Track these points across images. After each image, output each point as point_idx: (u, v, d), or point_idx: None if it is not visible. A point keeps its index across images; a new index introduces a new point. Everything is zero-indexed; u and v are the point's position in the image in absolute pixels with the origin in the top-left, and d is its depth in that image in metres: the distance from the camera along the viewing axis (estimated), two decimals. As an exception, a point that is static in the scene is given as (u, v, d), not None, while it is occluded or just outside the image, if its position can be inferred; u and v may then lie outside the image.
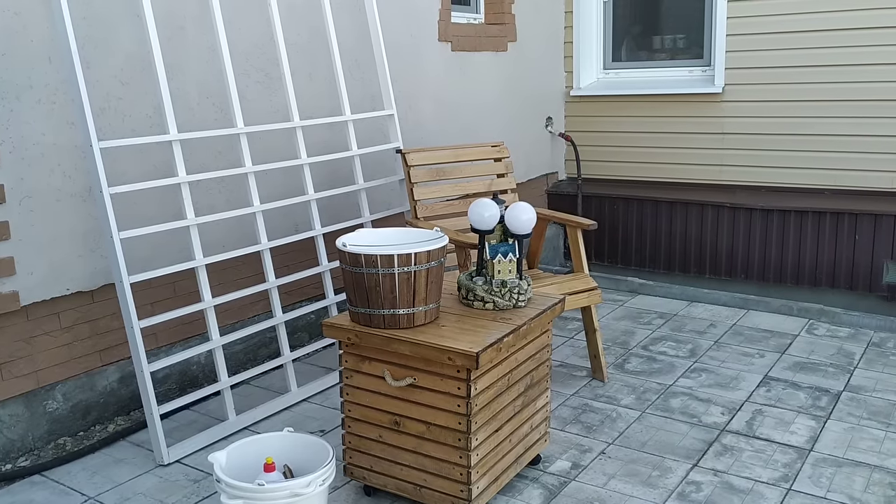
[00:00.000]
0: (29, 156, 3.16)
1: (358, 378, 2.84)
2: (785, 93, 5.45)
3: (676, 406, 3.67)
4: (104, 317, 3.51)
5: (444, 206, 4.21)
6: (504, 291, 2.91)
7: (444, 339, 2.64)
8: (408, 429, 2.77)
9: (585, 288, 3.79)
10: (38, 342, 3.29)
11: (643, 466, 3.15)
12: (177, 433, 3.45)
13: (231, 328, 3.99)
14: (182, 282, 3.75)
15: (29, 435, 3.31)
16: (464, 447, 2.66)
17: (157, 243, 3.59)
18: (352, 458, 2.94)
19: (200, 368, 3.94)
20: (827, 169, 5.38)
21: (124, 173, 3.45)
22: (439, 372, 2.65)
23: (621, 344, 4.47)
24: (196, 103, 3.73)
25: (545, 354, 3.07)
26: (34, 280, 3.22)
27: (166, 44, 3.53)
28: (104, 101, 3.38)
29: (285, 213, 4.13)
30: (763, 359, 4.22)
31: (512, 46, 5.76)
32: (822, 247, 5.31)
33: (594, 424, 3.50)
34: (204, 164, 3.76)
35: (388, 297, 2.68)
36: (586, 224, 3.89)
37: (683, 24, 6.04)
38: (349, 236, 2.84)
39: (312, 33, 4.25)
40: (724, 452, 3.25)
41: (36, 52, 3.14)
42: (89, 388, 3.51)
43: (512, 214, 2.93)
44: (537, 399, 3.06)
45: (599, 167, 6.26)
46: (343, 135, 4.38)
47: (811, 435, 3.38)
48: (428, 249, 2.69)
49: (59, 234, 3.29)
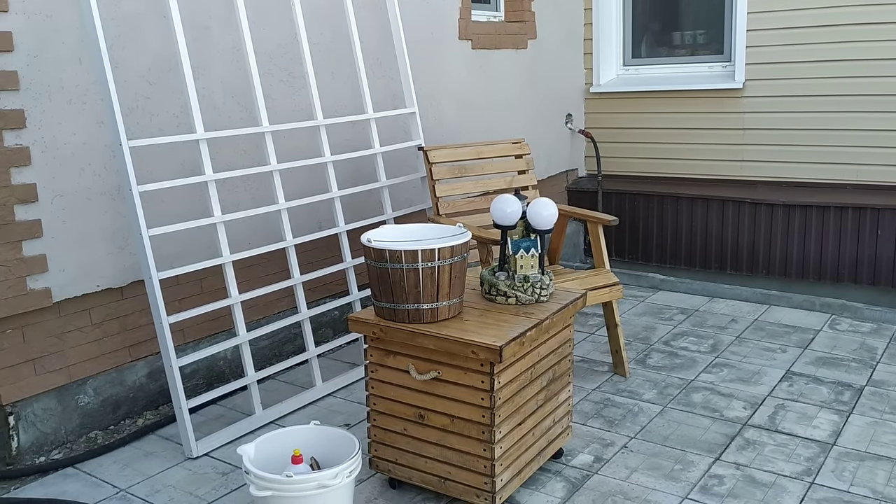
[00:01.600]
0: (60, 155, 3.23)
1: (383, 372, 2.89)
2: (806, 88, 5.43)
3: (698, 401, 3.69)
4: (133, 313, 3.58)
5: (466, 202, 4.25)
6: (526, 286, 2.94)
7: (468, 333, 2.68)
8: (432, 422, 2.81)
9: (607, 283, 3.81)
10: (69, 338, 3.37)
11: (665, 460, 3.17)
12: (205, 427, 3.52)
13: (257, 324, 4.05)
14: (208, 278, 3.82)
15: (62, 428, 3.38)
16: (487, 440, 2.70)
17: (185, 240, 3.66)
18: (377, 451, 2.98)
19: (227, 364, 4.00)
20: (849, 164, 5.37)
21: (151, 172, 3.52)
22: (463, 366, 2.69)
23: (643, 339, 4.49)
24: (221, 102, 3.79)
25: (567, 349, 3.10)
26: (66, 277, 3.30)
27: (192, 44, 3.59)
28: (132, 100, 3.45)
29: (309, 210, 4.19)
30: (785, 354, 4.23)
31: (532, 44, 5.78)
32: (845, 242, 5.29)
33: (616, 419, 3.53)
34: (230, 163, 3.82)
35: (413, 292, 2.73)
36: (607, 220, 3.91)
37: (703, 19, 6.04)
38: (373, 232, 2.88)
39: (335, 33, 4.30)
40: (747, 446, 3.26)
41: (67, 54, 3.22)
42: (119, 383, 3.58)
43: (534, 210, 2.97)
44: (560, 393, 3.09)
45: (619, 164, 6.28)
46: (365, 133, 4.43)
47: (834, 429, 3.39)
48: (451, 245, 2.73)
49: (89, 232, 3.36)
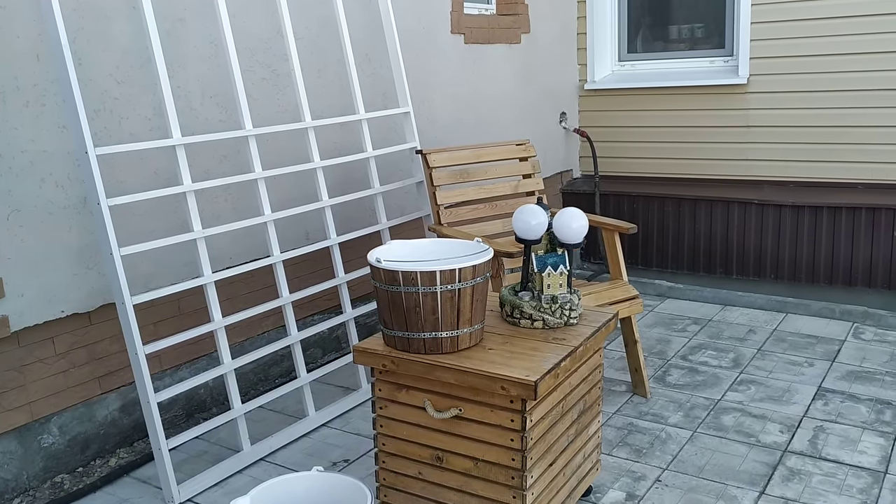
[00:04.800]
0: (17, 165, 2.83)
1: (393, 408, 2.54)
2: (814, 82, 5.15)
3: (729, 424, 3.38)
4: (102, 340, 3.19)
5: (468, 210, 3.90)
6: (555, 308, 2.60)
7: (496, 364, 2.34)
8: (452, 465, 2.46)
9: (626, 297, 3.49)
10: (30, 370, 2.97)
11: (705, 496, 2.85)
12: (186, 466, 3.14)
13: (240, 346, 3.67)
14: (187, 298, 3.43)
15: (23, 473, 2.98)
16: (518, 486, 2.36)
17: (161, 258, 3.27)
18: (387, 497, 2.63)
19: (209, 392, 3.62)
20: (860, 162, 5.10)
21: (122, 182, 3.13)
22: (489, 402, 2.35)
23: (658, 354, 4.17)
24: (199, 103, 3.40)
25: (597, 375, 2.78)
26: (25, 303, 2.90)
27: (166, 38, 3.20)
28: (99, 102, 3.05)
29: (296, 221, 3.81)
30: (813, 368, 3.94)
31: (525, 38, 5.45)
32: (858, 244, 5.03)
33: (643, 447, 3.21)
34: (208, 170, 3.44)
35: (430, 319, 2.38)
36: (625, 228, 3.59)
37: (702, 12, 5.75)
38: (382, 250, 2.53)
39: (321, 26, 3.92)
40: (792, 477, 2.96)
41: (23, 50, 2.81)
42: (88, 419, 3.18)
43: (561, 222, 2.63)
44: (590, 425, 2.76)
45: (617, 164, 5.96)
46: (356, 135, 4.06)
47: (882, 454, 3.10)
48: (474, 264, 2.38)
49: (51, 252, 2.96)
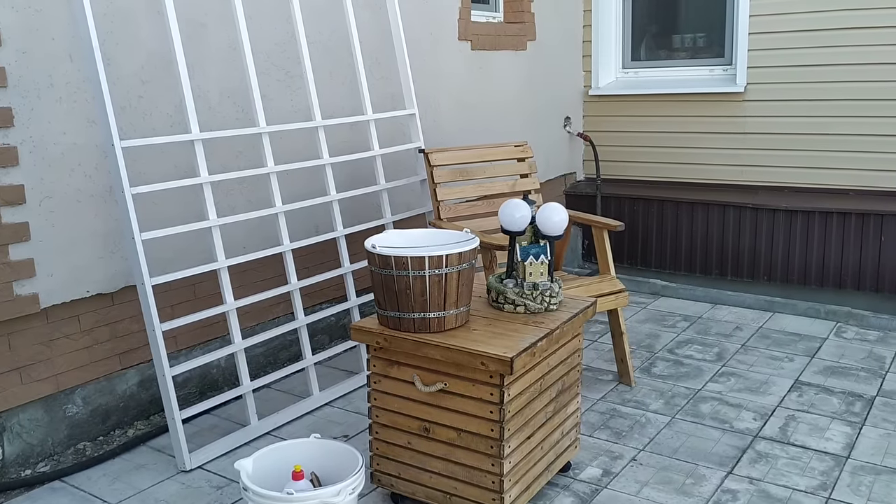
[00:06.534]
0: (49, 155, 3.10)
1: (386, 383, 2.78)
2: (809, 92, 5.35)
3: (707, 411, 3.59)
4: (124, 319, 3.45)
5: (467, 207, 4.14)
6: (535, 294, 2.84)
7: (477, 343, 2.57)
8: (438, 435, 2.70)
9: (612, 290, 3.71)
10: (57, 345, 3.24)
11: (676, 474, 3.07)
12: (198, 438, 3.39)
13: (251, 330, 3.92)
14: (202, 283, 3.69)
15: (49, 440, 3.25)
16: (496, 455, 2.59)
17: (178, 245, 3.53)
18: (379, 465, 2.87)
19: (220, 371, 3.87)
20: (851, 169, 5.29)
21: (144, 173, 3.39)
22: (471, 377, 2.58)
23: (646, 347, 4.39)
24: (217, 102, 3.66)
25: (576, 359, 3.00)
26: (54, 282, 3.17)
27: (187, 41, 3.47)
28: (125, 99, 3.32)
29: (307, 213, 4.06)
30: (792, 363, 4.14)
31: (531, 45, 5.68)
32: (847, 248, 5.21)
33: (623, 430, 3.43)
34: (225, 164, 3.70)
35: (419, 301, 2.62)
36: (613, 225, 3.81)
37: (704, 22, 5.96)
38: (378, 238, 2.77)
39: (333, 31, 4.18)
40: (759, 459, 3.17)
41: (57, 50, 3.09)
42: (109, 392, 3.45)
43: (543, 215, 2.86)
44: (568, 405, 2.99)
45: (618, 167, 6.19)
46: (364, 134, 4.32)
47: (847, 441, 3.30)
48: (459, 251, 2.62)
49: (79, 236, 3.23)
